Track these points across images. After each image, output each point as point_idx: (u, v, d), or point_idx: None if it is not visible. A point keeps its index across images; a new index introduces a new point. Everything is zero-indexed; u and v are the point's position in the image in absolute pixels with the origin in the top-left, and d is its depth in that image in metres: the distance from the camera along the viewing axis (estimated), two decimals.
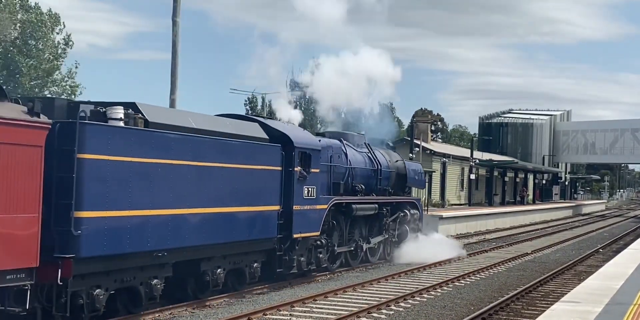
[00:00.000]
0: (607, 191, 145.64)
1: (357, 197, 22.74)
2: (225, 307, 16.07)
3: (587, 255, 30.33)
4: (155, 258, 14.31)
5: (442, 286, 20.26)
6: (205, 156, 15.47)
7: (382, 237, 24.84)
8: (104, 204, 12.89)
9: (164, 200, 14.28)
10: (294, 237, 18.99)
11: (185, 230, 14.95)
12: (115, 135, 13.19)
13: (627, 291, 14.98)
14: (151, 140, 14.04)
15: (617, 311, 12.66)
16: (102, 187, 12.84)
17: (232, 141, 16.61)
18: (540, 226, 51.71)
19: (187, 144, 14.99)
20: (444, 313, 16.57)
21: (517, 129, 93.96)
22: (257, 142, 17.65)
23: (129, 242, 13.49)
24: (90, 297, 12.97)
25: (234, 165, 16.46)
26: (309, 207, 19.63)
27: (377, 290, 19.34)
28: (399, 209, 25.87)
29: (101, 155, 12.84)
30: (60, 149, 12.19)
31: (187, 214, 14.98)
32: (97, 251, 12.81)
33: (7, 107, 11.27)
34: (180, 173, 14.78)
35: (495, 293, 19.73)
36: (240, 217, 16.83)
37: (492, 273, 23.91)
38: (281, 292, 18.28)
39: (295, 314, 15.69)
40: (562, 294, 17.94)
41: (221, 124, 16.82)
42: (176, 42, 24.89)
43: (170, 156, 14.44)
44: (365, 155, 23.98)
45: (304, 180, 19.34)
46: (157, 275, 14.56)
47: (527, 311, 16.99)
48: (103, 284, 13.29)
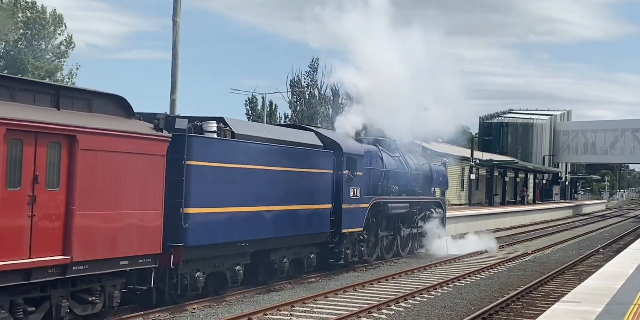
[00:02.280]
0: (607, 191, 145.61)
1: (392, 197, 25.03)
2: (225, 307, 16.16)
3: (587, 255, 30.23)
4: (239, 248, 16.85)
5: (442, 286, 20.37)
6: (275, 162, 17.92)
7: (412, 233, 27.26)
8: (203, 202, 15.33)
9: (245, 199, 16.77)
10: (343, 231, 21.42)
11: (260, 225, 17.44)
12: (212, 145, 15.76)
13: (627, 291, 14.96)
14: (237, 148, 16.60)
15: (617, 311, 12.63)
16: (202, 188, 15.31)
17: (296, 148, 19.13)
18: (540, 226, 51.62)
19: (262, 151, 17.48)
20: (444, 313, 16.64)
21: (518, 129, 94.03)
22: (314, 149, 20.11)
23: (220, 234, 16.01)
24: (192, 278, 15.47)
25: (296, 169, 18.89)
26: (354, 206, 21.99)
27: (377, 290, 19.48)
28: (426, 207, 28.23)
29: (202, 161, 15.30)
30: (173, 157, 14.45)
31: (262, 211, 17.46)
32: (199, 241, 15.29)
33: (139, 124, 13.74)
34: (257, 176, 17.22)
35: (496, 293, 19.78)
36: (301, 214, 19.28)
37: (493, 273, 23.94)
38: (281, 292, 18.47)
39: (295, 313, 15.80)
40: (562, 294, 17.98)
41: (286, 134, 19.33)
42: (176, 42, 24.79)
43: (250, 162, 16.93)
44: (397, 159, 26.14)
45: (351, 182, 21.64)
46: (239, 263, 17.13)
47: (528, 311, 17.03)
48: (201, 268, 15.79)
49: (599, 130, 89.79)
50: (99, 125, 12.55)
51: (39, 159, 11.47)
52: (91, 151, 12.29)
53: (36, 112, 11.55)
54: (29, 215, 11.25)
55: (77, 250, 11.97)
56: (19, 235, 11.10)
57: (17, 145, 11.10)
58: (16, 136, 11.06)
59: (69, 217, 11.88)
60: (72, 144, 11.98)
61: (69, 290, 12.40)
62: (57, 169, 11.77)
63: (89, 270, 12.43)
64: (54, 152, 11.72)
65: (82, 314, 12.74)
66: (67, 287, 12.35)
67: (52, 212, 11.65)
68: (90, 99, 12.81)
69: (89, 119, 12.48)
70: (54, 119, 11.72)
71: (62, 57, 50.04)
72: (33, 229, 11.31)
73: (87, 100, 12.73)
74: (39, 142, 11.47)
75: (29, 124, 11.23)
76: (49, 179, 11.60)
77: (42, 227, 11.46)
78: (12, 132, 10.96)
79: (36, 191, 11.36)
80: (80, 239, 12.01)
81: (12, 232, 10.97)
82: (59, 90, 12.29)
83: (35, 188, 11.34)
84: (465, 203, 61.72)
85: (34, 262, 11.33)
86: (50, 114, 11.83)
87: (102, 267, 12.77)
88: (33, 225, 11.31)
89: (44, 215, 11.50)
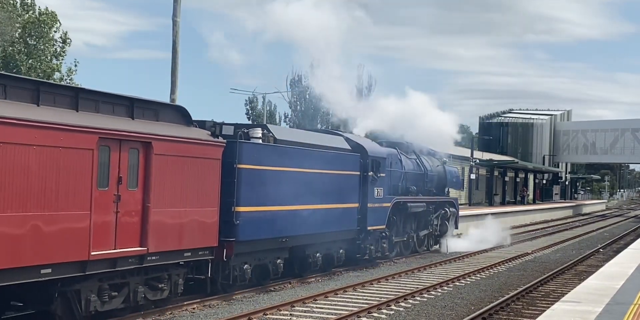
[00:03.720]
0: (607, 191, 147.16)
1: (411, 196, 27.31)
2: (225, 307, 16.61)
3: (587, 255, 30.85)
4: (280, 243, 19.07)
5: (442, 286, 20.85)
6: (311, 164, 20.05)
7: (427, 231, 29.54)
8: (251, 201, 17.51)
9: (285, 198, 18.88)
10: (368, 229, 23.60)
11: (298, 222, 19.52)
12: (258, 150, 17.94)
13: (627, 291, 15.12)
14: (279, 153, 18.72)
15: (617, 311, 12.76)
16: (250, 188, 17.47)
17: (328, 152, 21.24)
18: (540, 226, 52.72)
19: (300, 155, 19.69)
20: (445, 313, 16.96)
21: (518, 129, 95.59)
22: (343, 152, 22.27)
23: (265, 230, 18.21)
24: (241, 270, 17.64)
25: (328, 171, 21.02)
26: (378, 205, 24.19)
27: (377, 290, 19.94)
28: (441, 207, 30.58)
29: (249, 165, 17.44)
30: (226, 160, 16.53)
31: (299, 209, 19.57)
32: (248, 236, 17.47)
33: (199, 131, 15.93)
34: (295, 178, 19.32)
35: (496, 293, 20.18)
36: (333, 212, 21.38)
37: (493, 273, 24.47)
38: (281, 292, 18.94)
39: (295, 313, 16.16)
40: (562, 293, 18.31)
41: (319, 139, 21.42)
42: (176, 42, 25.56)
43: (290, 165, 19.04)
44: (414, 161, 28.50)
45: (375, 183, 23.80)
46: (279, 257, 19.34)
47: (528, 311, 17.37)
48: (248, 261, 17.98)
49: (599, 130, 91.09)
50: (169, 132, 14.73)
51: (122, 163, 13.66)
52: (163, 156, 14.48)
53: (117, 122, 13.70)
54: (115, 212, 13.46)
55: (152, 243, 14.19)
56: (107, 229, 13.29)
57: (105, 151, 13.28)
58: (105, 143, 13.24)
59: (146, 214, 14.10)
60: (148, 149, 14.18)
61: (143, 278, 14.61)
62: (136, 171, 13.97)
63: (160, 260, 14.64)
64: (133, 156, 13.92)
65: (152, 299, 14.94)
66: (142, 275, 14.56)
67: (132, 209, 13.86)
68: (157, 109, 15.01)
69: (159, 127, 14.65)
70: (133, 127, 13.90)
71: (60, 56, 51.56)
72: (118, 223, 13.52)
73: (155, 110, 14.93)
74: (122, 148, 13.67)
75: (115, 133, 13.42)
76: (129, 180, 13.80)
77: (124, 222, 13.67)
78: (103, 139, 13.14)
79: (120, 191, 13.57)
80: (154, 233, 14.22)
81: (102, 226, 13.16)
82: (133, 102, 14.44)
83: (119, 188, 13.54)
84: (465, 203, 63.07)
85: (118, 252, 13.54)
86: (128, 123, 13.98)
87: (170, 258, 14.98)
88: (118, 220, 13.52)
89: (126, 211, 13.71)
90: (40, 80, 12.89)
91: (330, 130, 24.26)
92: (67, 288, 13.03)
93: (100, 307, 13.59)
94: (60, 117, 12.48)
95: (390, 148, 26.45)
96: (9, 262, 11.55)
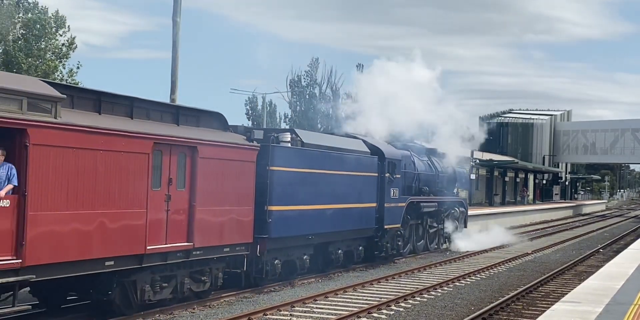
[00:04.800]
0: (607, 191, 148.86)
1: (423, 197, 29.35)
2: (225, 307, 16.97)
3: (587, 255, 31.37)
4: (307, 240, 20.90)
5: (442, 286, 21.20)
6: (334, 166, 21.99)
7: (439, 229, 31.60)
8: (282, 201, 19.33)
9: (311, 198, 20.79)
10: (385, 227, 25.51)
11: (322, 221, 21.40)
12: (288, 153, 19.82)
13: (627, 291, 15.34)
14: (306, 155, 20.69)
15: (617, 311, 12.92)
16: (281, 189, 19.27)
17: (349, 155, 23.20)
18: (540, 226, 53.65)
19: (324, 157, 21.59)
20: (444, 313, 17.24)
21: (518, 129, 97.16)
22: (362, 155, 24.22)
23: (293, 228, 20.01)
24: (272, 265, 19.45)
25: (350, 172, 22.96)
26: (394, 205, 26.18)
27: (377, 290, 20.32)
28: (451, 206, 32.56)
29: (280, 167, 19.28)
30: (260, 163, 18.34)
31: (324, 208, 21.46)
32: (278, 234, 19.24)
33: (236, 136, 17.88)
34: (320, 179, 21.20)
35: (496, 293, 20.51)
36: (353, 211, 23.30)
37: (493, 273, 24.90)
38: (281, 292, 19.34)
39: (295, 314, 16.47)
40: (562, 294, 18.57)
41: (341, 142, 23.37)
42: (176, 42, 26.01)
43: (315, 167, 20.98)
44: (426, 163, 30.55)
45: (391, 184, 25.78)
46: (305, 253, 21.21)
47: (528, 311, 17.63)
48: (279, 256, 19.78)
49: (599, 130, 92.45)
50: (211, 137, 16.51)
51: (172, 166, 15.41)
52: (207, 159, 16.23)
53: (165, 128, 15.44)
54: (166, 210, 15.21)
55: (197, 238, 15.96)
56: (160, 225, 15.05)
57: (158, 155, 15.02)
58: (158, 148, 14.99)
59: (192, 212, 15.86)
60: (194, 153, 15.94)
61: (188, 271, 16.37)
62: (184, 173, 15.73)
63: (204, 254, 16.43)
64: (181, 160, 15.68)
65: (196, 290, 16.72)
66: (187, 268, 16.32)
67: (180, 208, 15.61)
68: (198, 115, 16.79)
69: (201, 132, 16.41)
70: (180, 133, 15.65)
71: (64, 58, 53.03)
72: (168, 221, 15.27)
73: (196, 117, 16.71)
74: (172, 152, 15.42)
75: (167, 138, 15.18)
76: (178, 181, 15.56)
77: (174, 220, 15.43)
78: (156, 144, 14.88)
79: (170, 191, 15.32)
80: (199, 230, 15.99)
81: (156, 223, 14.92)
82: (178, 109, 16.23)
83: (169, 188, 15.29)
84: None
85: (169, 247, 15.30)
86: (175, 129, 15.72)
87: (212, 253, 16.78)
88: (168, 218, 15.28)
89: (175, 210, 15.46)
90: (101, 91, 14.54)
91: (350, 134, 26.03)
92: (124, 279, 14.77)
93: (153, 297, 15.37)
94: (120, 125, 14.23)
95: (403, 150, 28.34)
96: (80, 255, 13.30)
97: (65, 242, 12.94)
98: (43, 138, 12.49)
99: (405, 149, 28.69)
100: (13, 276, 12.14)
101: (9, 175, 12.17)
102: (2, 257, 11.93)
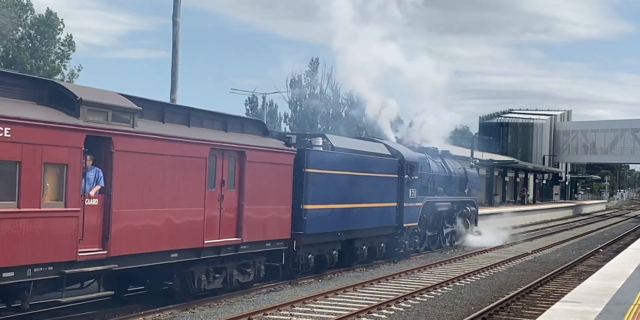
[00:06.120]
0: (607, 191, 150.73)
1: (437, 197, 31.83)
2: (225, 307, 17.49)
3: (587, 255, 32.19)
4: (336, 236, 23.31)
5: (442, 286, 21.75)
6: (360, 168, 24.38)
7: (451, 228, 34.11)
8: (315, 200, 21.74)
9: (340, 198, 23.15)
10: (404, 226, 27.99)
11: (349, 218, 23.81)
12: (321, 156, 22.30)
13: (627, 291, 15.60)
14: (335, 158, 23.04)
15: (617, 311, 13.12)
16: (314, 189, 21.70)
17: (373, 157, 25.69)
18: (540, 226, 55.26)
19: (352, 160, 23.96)
20: (444, 313, 17.63)
21: (518, 129, 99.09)
22: (384, 157, 26.77)
23: (325, 225, 22.45)
24: (306, 259, 21.81)
25: (373, 174, 25.42)
26: (412, 204, 28.69)
27: (377, 290, 20.88)
28: (463, 206, 35.27)
29: (314, 169, 21.75)
30: (296, 165, 20.77)
31: (351, 207, 23.91)
32: (312, 230, 21.67)
33: (275, 141, 20.34)
34: (348, 180, 23.56)
35: (496, 293, 21.00)
36: (376, 210, 25.85)
37: (493, 273, 25.55)
38: (281, 292, 20.01)
39: (295, 313, 16.92)
40: (562, 294, 18.96)
41: (366, 146, 25.91)
42: (176, 42, 27.20)
43: (344, 169, 23.34)
44: (439, 165, 33.14)
45: (410, 184, 28.23)
46: (334, 248, 23.59)
47: (528, 311, 18.03)
48: (312, 251, 22.15)
49: (599, 130, 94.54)
50: (256, 143, 18.87)
51: (224, 168, 17.74)
52: (253, 162, 18.60)
53: (217, 135, 17.72)
54: (219, 209, 17.55)
55: (244, 234, 18.33)
56: (214, 222, 17.38)
57: (213, 159, 17.34)
58: (213, 153, 17.32)
59: (240, 210, 18.24)
60: (242, 157, 18.30)
61: (236, 264, 18.74)
62: (234, 175, 18.08)
63: (250, 249, 18.81)
64: (232, 163, 18.03)
65: (242, 281, 19.09)
66: (236, 261, 18.68)
67: (230, 206, 17.97)
68: (243, 123, 19.17)
69: (247, 138, 18.74)
70: (230, 139, 17.96)
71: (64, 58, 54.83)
72: (221, 218, 17.62)
73: (241, 124, 19.06)
74: (225, 156, 17.78)
75: (221, 144, 17.51)
76: (229, 182, 17.91)
77: (225, 217, 17.77)
78: (212, 150, 17.21)
79: (223, 191, 17.67)
80: (246, 226, 18.36)
81: (211, 220, 17.25)
82: (226, 118, 18.56)
83: (222, 189, 17.64)
84: None
85: (221, 241, 17.67)
86: (224, 135, 18.00)
87: (257, 247, 19.17)
88: (221, 215, 17.63)
89: (227, 208, 17.82)
90: (165, 102, 16.87)
91: (372, 138, 28.58)
92: (184, 270, 17.12)
93: (207, 286, 17.74)
94: (182, 132, 16.55)
95: (420, 153, 30.77)
96: (152, 247, 15.64)
97: (140, 236, 15.25)
98: (124, 145, 14.83)
99: (420, 151, 31.17)
100: (100, 265, 14.47)
101: (97, 178, 14.53)
102: (92, 249, 14.25)
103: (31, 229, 12.87)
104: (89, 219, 14.13)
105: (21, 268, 12.82)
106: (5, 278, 12.60)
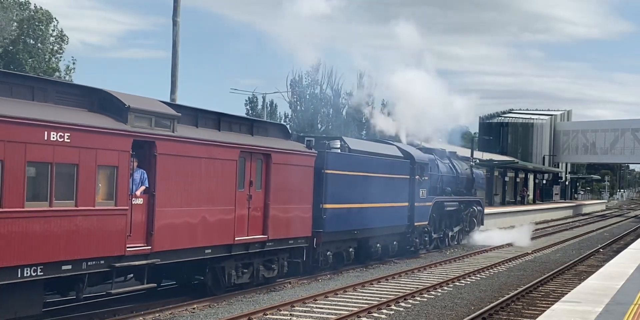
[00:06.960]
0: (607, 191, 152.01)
1: (446, 196, 33.54)
2: (225, 307, 17.82)
3: (587, 255, 32.71)
4: (352, 234, 24.93)
5: (442, 286, 22.12)
6: (374, 169, 26.02)
7: (459, 226, 36.00)
8: (334, 200, 23.37)
9: (356, 197, 24.81)
10: (415, 225, 29.67)
11: (365, 217, 25.45)
12: (339, 158, 23.95)
13: (627, 291, 15.76)
14: (352, 160, 24.64)
15: (617, 311, 13.25)
16: (333, 189, 23.31)
17: (386, 159, 27.30)
18: (540, 226, 55.87)
19: (366, 161, 25.52)
20: (444, 313, 17.89)
21: (518, 129, 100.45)
22: (397, 159, 28.50)
23: (342, 224, 24.13)
24: (325, 256, 23.49)
25: (387, 175, 27.14)
26: (422, 204, 30.44)
27: (377, 290, 21.27)
28: (470, 205, 37.14)
29: (333, 170, 23.40)
30: (316, 167, 22.32)
31: (366, 207, 25.56)
32: (331, 228, 23.36)
33: (297, 144, 21.99)
34: (364, 180, 25.15)
35: (496, 293, 21.31)
36: (389, 210, 27.56)
37: (493, 273, 26.00)
38: (281, 292, 20.43)
39: (295, 313, 17.22)
40: (562, 293, 19.24)
41: (380, 148, 27.52)
42: (176, 42, 27.67)
43: (359, 170, 25.00)
44: (447, 165, 35.02)
45: (420, 185, 29.90)
46: (351, 246, 25.26)
47: (528, 311, 18.29)
48: (330, 249, 23.80)
49: (599, 130, 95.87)
50: (280, 146, 20.40)
51: (252, 170, 19.27)
52: (278, 164, 20.12)
53: (245, 138, 19.21)
54: (247, 208, 19.09)
55: (270, 232, 19.87)
56: (243, 220, 18.91)
57: (242, 161, 18.84)
58: (243, 155, 18.84)
59: (267, 209, 19.78)
60: (268, 159, 19.84)
61: (262, 260, 20.27)
62: (260, 176, 19.62)
63: (274, 246, 20.35)
64: (259, 165, 19.56)
65: (267, 276, 20.61)
66: (262, 257, 20.22)
67: (258, 206, 19.51)
68: (267, 127, 20.73)
69: (271, 141, 20.25)
70: (257, 142, 19.46)
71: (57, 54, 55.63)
72: (249, 216, 19.15)
73: (265, 128, 20.62)
74: (252, 158, 19.31)
75: (250, 147, 19.03)
76: (257, 183, 19.44)
77: (253, 216, 19.32)
78: (242, 152, 18.74)
79: (251, 191, 19.20)
80: (272, 224, 19.90)
81: (241, 218, 18.78)
82: (252, 122, 20.10)
83: (250, 189, 19.17)
84: None
85: (250, 238, 19.21)
86: (251, 139, 19.48)
87: (281, 244, 20.70)
88: (249, 214, 19.16)
89: (254, 207, 19.35)
90: (198, 108, 18.37)
91: (385, 140, 30.21)
92: (215, 265, 18.65)
93: (237, 280, 19.30)
94: (214, 136, 18.05)
95: (429, 154, 32.38)
96: (189, 243, 17.16)
97: (179, 233, 16.77)
98: (166, 148, 16.35)
99: (429, 152, 32.77)
100: (144, 260, 16.01)
101: (142, 179, 16.08)
102: (137, 244, 15.77)
103: (86, 225, 14.36)
104: (135, 217, 15.65)
105: (77, 261, 14.31)
106: (64, 270, 14.09)
